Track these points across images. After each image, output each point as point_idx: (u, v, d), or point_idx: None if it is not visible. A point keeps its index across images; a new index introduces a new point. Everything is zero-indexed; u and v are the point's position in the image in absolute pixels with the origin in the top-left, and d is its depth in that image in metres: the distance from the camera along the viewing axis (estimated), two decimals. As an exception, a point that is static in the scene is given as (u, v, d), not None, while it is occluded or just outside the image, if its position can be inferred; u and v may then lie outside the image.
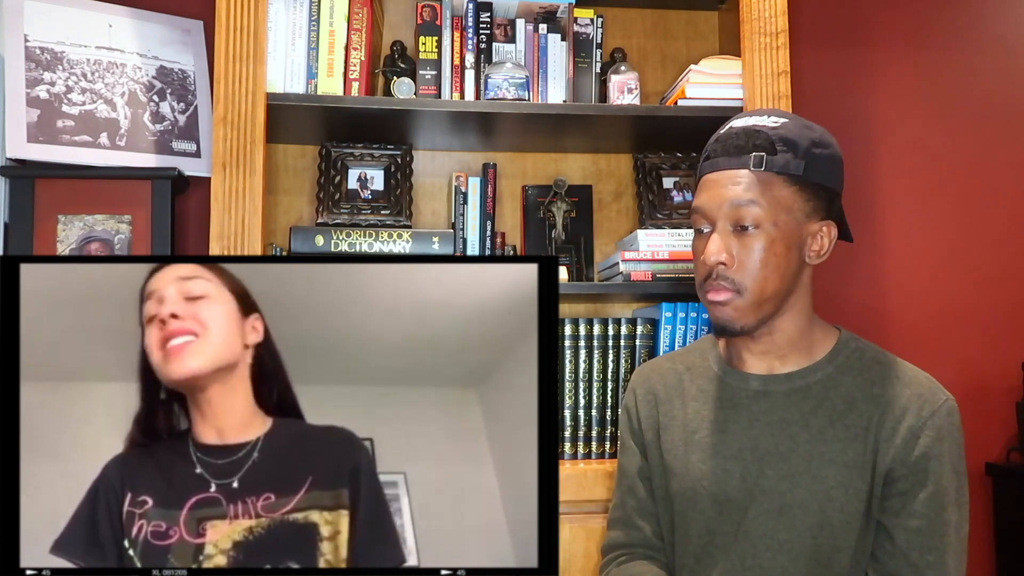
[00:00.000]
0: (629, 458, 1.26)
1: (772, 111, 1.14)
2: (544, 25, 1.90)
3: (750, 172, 1.07)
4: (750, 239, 1.07)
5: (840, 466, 1.07)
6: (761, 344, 1.14)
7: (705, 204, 1.11)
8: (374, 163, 1.88)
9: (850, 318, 2.14)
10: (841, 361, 1.13)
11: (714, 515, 1.12)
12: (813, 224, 1.10)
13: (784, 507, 1.08)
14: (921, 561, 1.03)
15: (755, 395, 1.14)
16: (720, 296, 1.09)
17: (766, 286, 1.07)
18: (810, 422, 1.10)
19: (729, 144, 1.10)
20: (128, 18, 1.89)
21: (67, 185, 1.76)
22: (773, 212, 1.07)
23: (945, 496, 1.05)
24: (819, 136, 1.11)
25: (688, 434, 1.17)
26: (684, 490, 1.15)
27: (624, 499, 1.25)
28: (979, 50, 2.30)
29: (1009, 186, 2.28)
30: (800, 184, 1.08)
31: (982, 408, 2.19)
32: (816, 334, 1.15)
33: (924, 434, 1.06)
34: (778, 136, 1.08)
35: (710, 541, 1.12)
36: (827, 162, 1.10)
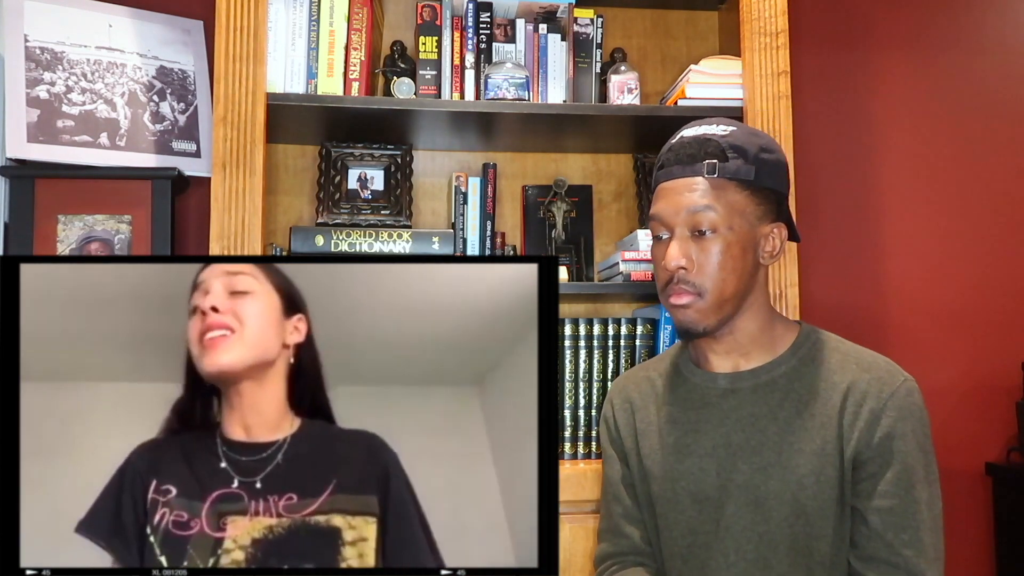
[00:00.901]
0: (611, 467, 1.29)
1: (720, 120, 1.18)
2: (544, 25, 1.90)
3: (704, 179, 1.12)
4: (708, 243, 1.11)
5: (809, 455, 1.09)
6: (724, 344, 1.17)
7: (663, 211, 1.14)
8: (374, 163, 1.88)
9: (850, 319, 2.15)
10: (803, 353, 1.16)
11: (694, 514, 1.15)
12: (765, 226, 1.15)
13: (759, 499, 1.10)
14: (896, 540, 1.05)
15: (724, 393, 1.17)
16: (682, 299, 1.13)
17: (725, 287, 1.12)
18: (777, 415, 1.12)
19: (682, 153, 1.14)
20: (128, 18, 1.89)
21: (67, 185, 1.76)
22: (728, 216, 1.11)
23: (913, 474, 1.07)
24: (766, 142, 1.16)
25: (664, 437, 1.20)
26: (664, 492, 1.18)
27: (610, 508, 1.28)
28: (979, 51, 2.30)
29: (1009, 186, 2.28)
30: (751, 189, 1.13)
31: (982, 408, 2.20)
32: (777, 329, 1.19)
33: (885, 415, 1.08)
34: (728, 144, 1.13)
35: (693, 540, 1.15)
36: (775, 166, 1.16)
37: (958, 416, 2.19)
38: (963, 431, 2.18)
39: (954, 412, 2.19)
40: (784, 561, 1.09)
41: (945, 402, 2.18)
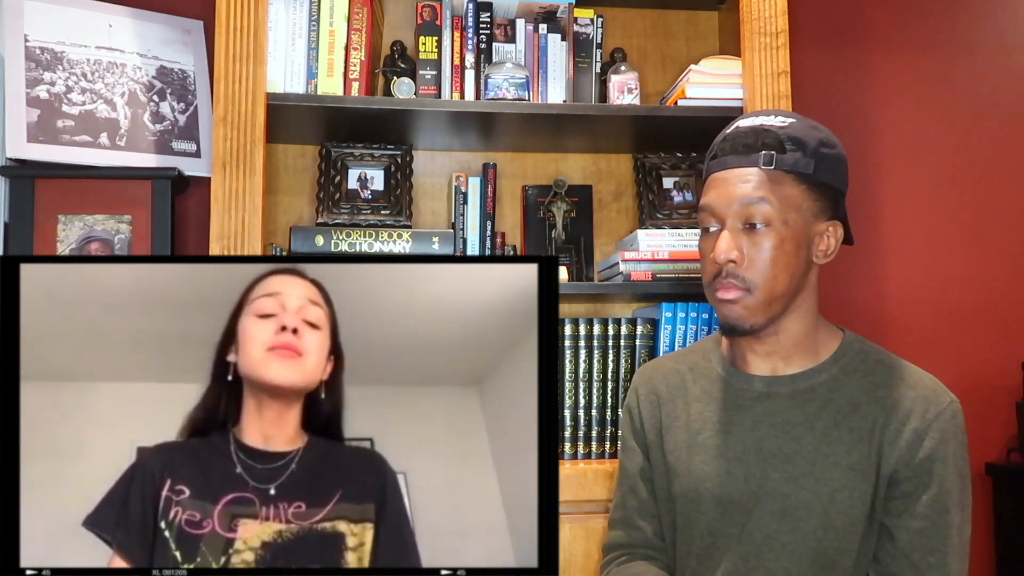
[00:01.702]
0: (631, 458, 1.26)
1: (778, 111, 1.15)
2: (544, 25, 1.90)
3: (760, 170, 1.08)
4: (760, 237, 1.07)
5: (844, 468, 1.07)
6: (766, 345, 1.13)
7: (714, 202, 1.10)
8: (374, 163, 1.88)
9: (851, 318, 2.14)
10: (845, 363, 1.13)
11: (717, 516, 1.12)
12: (820, 223, 1.11)
13: (788, 509, 1.07)
14: (923, 562, 1.03)
15: (759, 396, 1.13)
16: (730, 294, 1.09)
17: (776, 285, 1.07)
18: (814, 424, 1.09)
19: (738, 143, 1.10)
20: (128, 18, 1.89)
21: (67, 185, 1.76)
22: (783, 210, 1.07)
23: (948, 498, 1.04)
24: (826, 136, 1.12)
25: (691, 435, 1.17)
26: (687, 491, 1.15)
27: (625, 499, 1.25)
28: (979, 50, 2.30)
29: (1009, 186, 2.28)
30: (809, 183, 1.09)
31: (982, 408, 2.19)
32: (820, 335, 1.15)
33: (929, 436, 1.05)
34: (787, 135, 1.09)
35: (712, 543, 1.12)
36: (835, 161, 1.11)
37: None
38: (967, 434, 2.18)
39: (954, 412, 2.19)
40: (805, 573, 1.06)
41: (945, 402, 2.18)
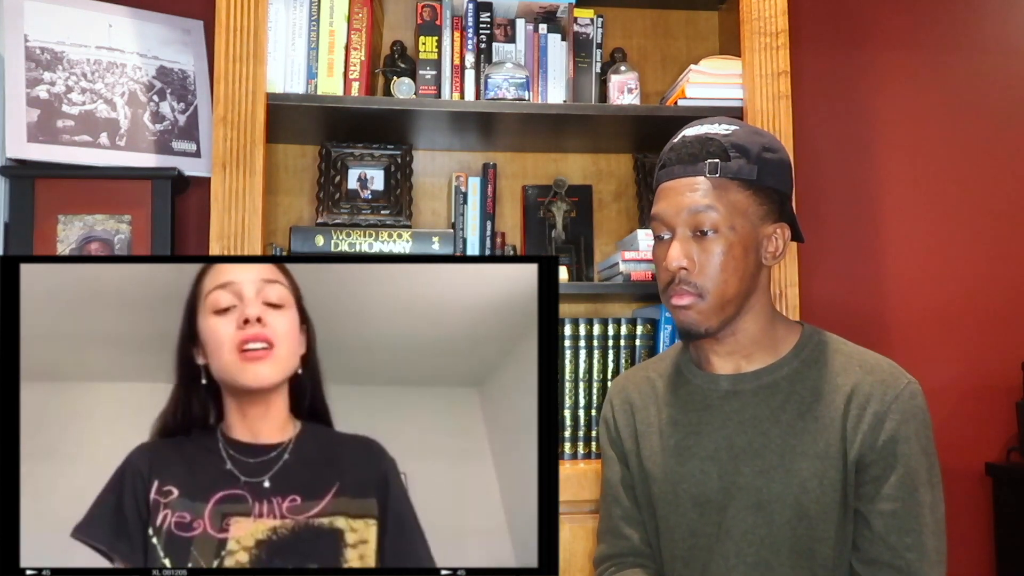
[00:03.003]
0: (611, 468, 1.28)
1: (722, 119, 1.17)
2: (544, 25, 1.90)
3: (706, 179, 1.11)
4: (709, 243, 1.10)
5: (812, 457, 1.09)
6: (726, 345, 1.16)
7: (664, 211, 1.14)
8: (374, 163, 1.88)
9: (850, 318, 2.15)
10: (806, 355, 1.15)
11: (695, 516, 1.14)
12: (767, 227, 1.14)
13: (761, 502, 1.09)
14: (899, 543, 1.05)
15: (725, 395, 1.16)
16: (683, 300, 1.12)
17: (727, 288, 1.11)
18: (780, 417, 1.12)
19: (684, 152, 1.13)
20: (128, 18, 1.89)
21: (67, 185, 1.76)
22: (730, 216, 1.10)
23: (916, 477, 1.06)
24: (768, 141, 1.15)
25: (665, 439, 1.19)
26: (665, 494, 1.17)
27: (610, 510, 1.27)
28: (979, 50, 2.30)
29: (1009, 186, 2.28)
30: (754, 188, 1.12)
31: (982, 408, 2.20)
32: (779, 331, 1.18)
33: (889, 418, 1.07)
34: (730, 143, 1.12)
35: (694, 543, 1.14)
36: (777, 166, 1.14)
37: (958, 416, 2.19)
38: (963, 431, 2.18)
39: (954, 412, 2.19)
40: (786, 564, 1.08)
41: (945, 402, 2.18)
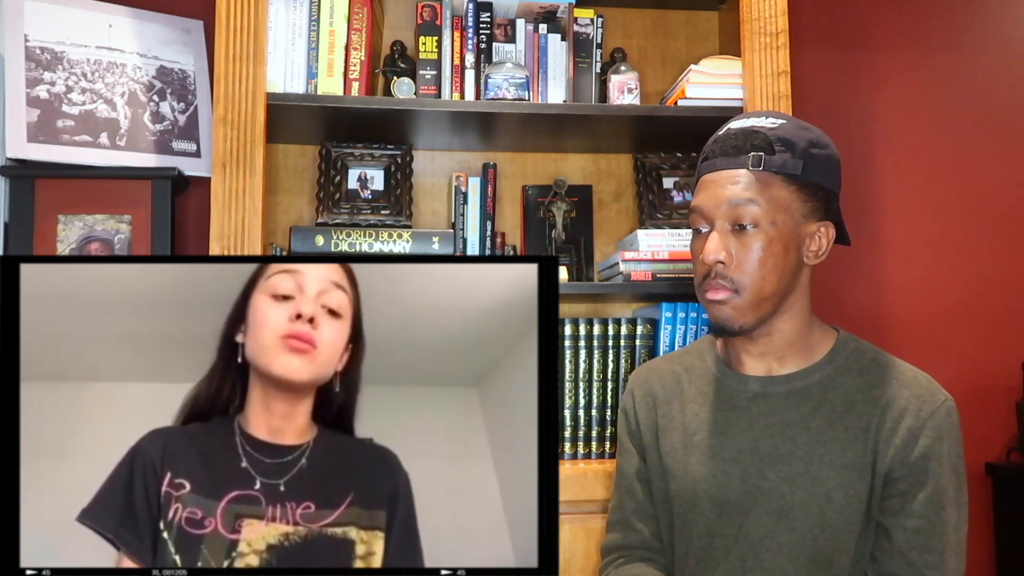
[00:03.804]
0: (627, 460, 1.26)
1: (770, 113, 1.15)
2: (544, 25, 1.90)
3: (748, 172, 1.08)
4: (749, 238, 1.08)
5: (840, 468, 1.07)
6: (759, 345, 1.14)
7: (704, 203, 1.11)
8: (374, 163, 1.88)
9: (850, 318, 2.15)
10: (840, 362, 1.13)
11: (714, 517, 1.12)
12: (811, 224, 1.11)
13: (784, 509, 1.08)
14: (920, 561, 1.03)
15: (754, 397, 1.14)
16: (719, 295, 1.09)
17: (764, 285, 1.08)
18: (809, 424, 1.10)
19: (727, 145, 1.11)
20: (128, 18, 1.89)
21: (67, 185, 1.76)
22: (771, 211, 1.07)
23: (944, 496, 1.05)
24: (816, 137, 1.12)
25: (687, 436, 1.17)
26: (684, 492, 1.15)
27: (623, 501, 1.26)
28: (979, 50, 2.30)
29: (1009, 186, 2.28)
30: (798, 184, 1.09)
31: (982, 408, 2.19)
32: (815, 335, 1.15)
33: (923, 434, 1.06)
34: (776, 136, 1.09)
35: (710, 543, 1.12)
36: (824, 162, 1.11)
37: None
38: (963, 431, 2.17)
39: (954, 412, 2.19)
40: (802, 572, 1.07)
41: (945, 402, 2.18)
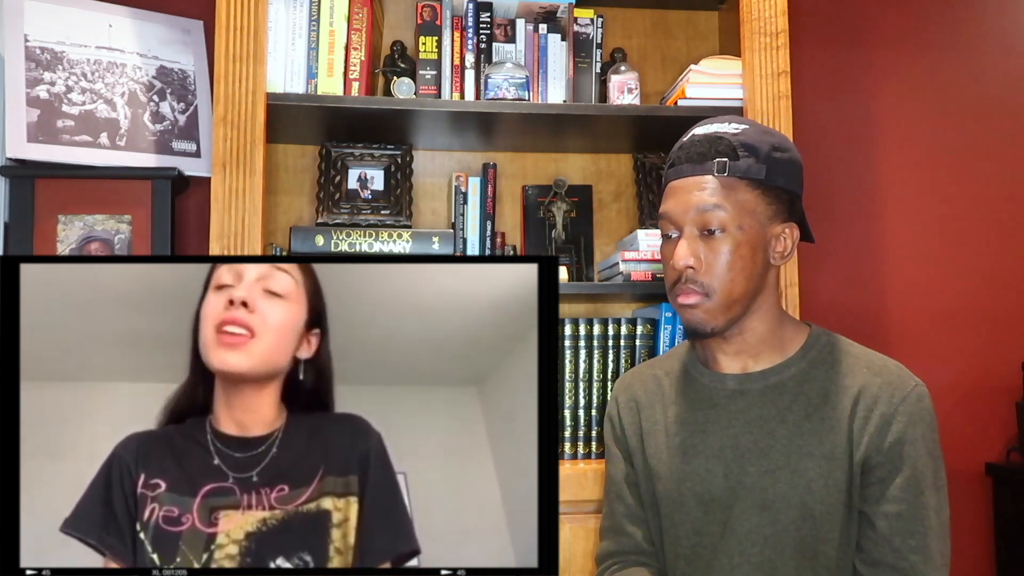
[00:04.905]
0: (615, 466, 1.28)
1: (732, 118, 1.17)
2: (544, 25, 1.90)
3: (714, 177, 1.11)
4: (717, 243, 1.10)
5: (818, 458, 1.09)
6: (733, 344, 1.16)
7: (672, 210, 1.14)
8: (374, 163, 1.88)
9: (850, 318, 2.15)
10: (813, 355, 1.16)
11: (700, 515, 1.14)
12: (776, 226, 1.14)
13: (767, 502, 1.09)
14: (903, 546, 1.05)
15: (732, 394, 1.16)
16: (690, 299, 1.12)
17: (734, 288, 1.11)
18: (786, 417, 1.12)
19: (692, 151, 1.13)
20: (128, 18, 1.89)
21: (67, 185, 1.76)
22: (738, 216, 1.10)
23: (922, 480, 1.07)
24: (779, 141, 1.15)
25: (670, 437, 1.19)
26: (670, 492, 1.17)
27: (613, 507, 1.27)
28: (979, 50, 2.30)
29: (1009, 186, 2.28)
30: (763, 188, 1.12)
31: (982, 408, 2.20)
32: (787, 331, 1.18)
33: (896, 420, 1.07)
34: (739, 142, 1.12)
35: (698, 542, 1.14)
36: (787, 165, 1.14)
37: (958, 416, 2.19)
38: (963, 431, 2.18)
39: (954, 412, 2.18)
40: (790, 564, 1.08)
41: (945, 402, 2.17)
